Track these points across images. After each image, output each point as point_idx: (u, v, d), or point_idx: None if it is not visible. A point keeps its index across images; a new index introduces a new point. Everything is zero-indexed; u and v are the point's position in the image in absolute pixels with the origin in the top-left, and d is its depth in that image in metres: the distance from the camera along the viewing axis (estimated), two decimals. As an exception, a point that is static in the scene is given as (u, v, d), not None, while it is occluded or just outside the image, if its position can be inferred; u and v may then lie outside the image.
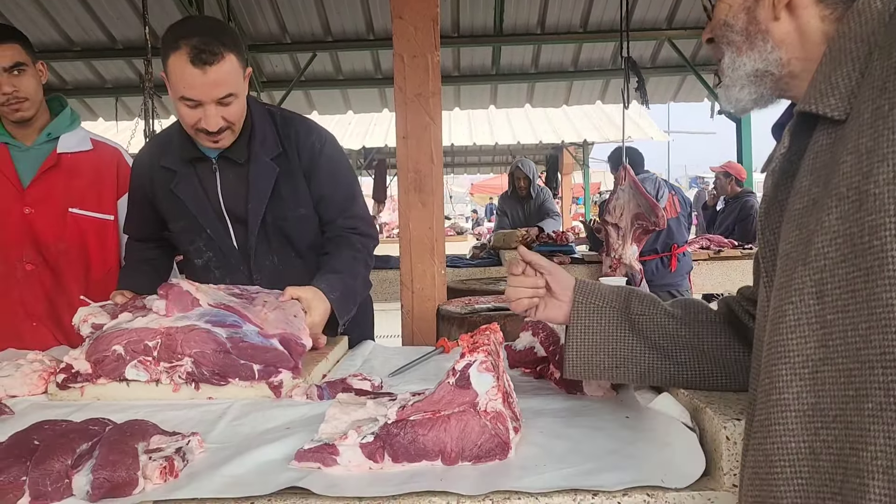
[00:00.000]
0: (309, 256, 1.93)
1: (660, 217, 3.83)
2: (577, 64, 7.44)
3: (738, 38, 0.90)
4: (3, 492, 0.94)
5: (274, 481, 0.97)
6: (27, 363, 1.51)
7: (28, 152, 2.05)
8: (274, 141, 1.83)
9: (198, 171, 1.83)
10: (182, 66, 1.59)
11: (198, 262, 1.89)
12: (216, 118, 1.66)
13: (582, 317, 1.15)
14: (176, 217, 1.86)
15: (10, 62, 1.94)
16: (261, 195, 1.81)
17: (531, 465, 1.03)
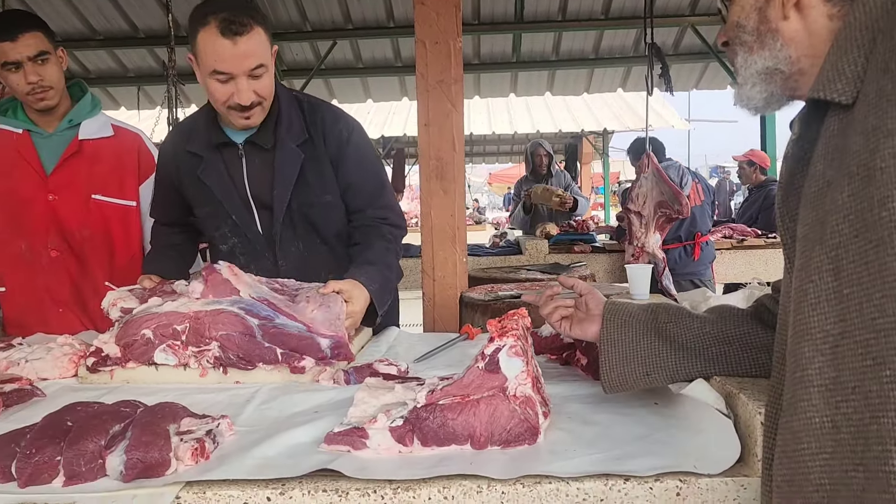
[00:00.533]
0: (334, 244, 1.93)
1: (683, 205, 3.79)
2: (598, 51, 7.37)
3: (750, 38, 0.93)
4: (38, 471, 0.96)
5: (304, 463, 0.98)
6: (57, 347, 1.53)
7: (50, 139, 2.06)
8: (300, 127, 1.83)
9: (224, 157, 1.84)
10: (213, 40, 1.60)
11: (223, 247, 1.90)
12: (248, 92, 1.67)
13: (611, 332, 1.17)
14: (202, 203, 1.87)
15: (34, 51, 1.94)
16: (286, 181, 1.81)
17: (561, 449, 1.02)
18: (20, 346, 1.61)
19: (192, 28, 1.65)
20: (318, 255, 1.90)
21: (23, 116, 2.06)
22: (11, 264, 2.04)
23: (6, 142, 2.03)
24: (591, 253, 4.93)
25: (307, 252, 1.89)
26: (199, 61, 1.67)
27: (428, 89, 3.33)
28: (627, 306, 1.21)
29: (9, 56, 1.92)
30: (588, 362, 1.42)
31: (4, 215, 2.02)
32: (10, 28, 1.92)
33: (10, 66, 1.93)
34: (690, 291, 2.11)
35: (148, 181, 2.13)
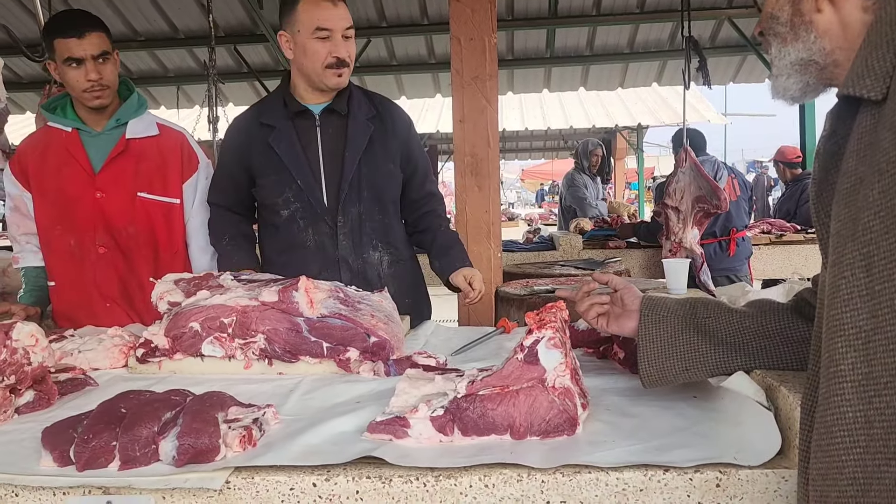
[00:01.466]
0: (388, 210, 2.13)
1: (722, 200, 3.76)
2: (633, 45, 7.30)
3: (784, 30, 0.93)
4: (95, 456, 1.00)
5: (348, 451, 1.00)
6: (108, 338, 1.59)
7: (98, 138, 2.11)
8: (368, 106, 2.10)
9: (296, 126, 2.05)
10: (315, 4, 1.92)
11: (284, 212, 2.06)
12: (345, 47, 1.95)
13: (649, 327, 1.17)
14: (268, 171, 2.06)
15: (97, 50, 2.01)
16: (357, 147, 2.04)
17: (599, 440, 1.04)
18: (72, 337, 1.67)
19: (289, 4, 1.96)
20: (373, 220, 2.09)
21: (72, 115, 2.11)
22: (61, 260, 2.10)
23: (56, 140, 2.09)
24: (626, 248, 4.90)
25: (364, 216, 2.07)
26: (300, 26, 1.94)
27: (463, 86, 3.35)
28: (665, 301, 1.22)
29: (73, 52, 1.98)
30: (625, 356, 1.42)
31: (54, 212, 2.08)
32: (78, 26, 2.00)
33: (72, 62, 1.99)
34: (729, 286, 2.10)
35: (191, 179, 2.19)
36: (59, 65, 2.02)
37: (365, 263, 2.08)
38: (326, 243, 2.05)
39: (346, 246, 2.06)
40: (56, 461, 1.01)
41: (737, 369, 1.12)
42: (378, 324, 1.50)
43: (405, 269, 2.19)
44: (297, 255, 2.06)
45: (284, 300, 1.46)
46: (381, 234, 2.10)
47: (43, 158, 2.09)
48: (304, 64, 1.98)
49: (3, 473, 0.99)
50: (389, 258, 2.13)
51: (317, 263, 2.04)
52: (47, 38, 2.04)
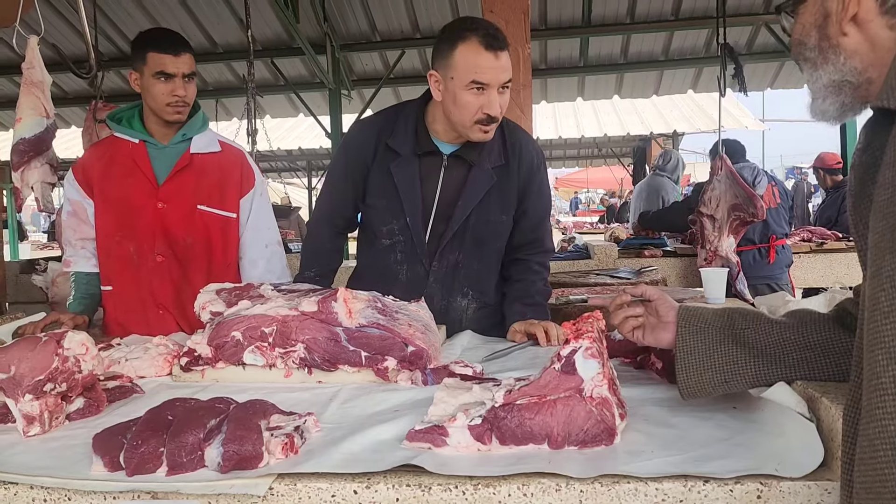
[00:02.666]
0: (488, 255, 2.05)
1: (759, 208, 3.71)
2: (668, 53, 7.26)
3: (813, 55, 0.95)
4: (144, 461, 1.03)
5: (388, 459, 1.02)
6: (153, 347, 1.63)
7: (164, 151, 2.19)
8: (499, 152, 1.98)
9: (421, 162, 1.97)
10: (476, 52, 1.75)
11: (385, 241, 2.02)
12: (498, 103, 1.81)
13: (686, 339, 1.16)
14: (381, 194, 1.99)
15: (188, 69, 2.13)
16: (473, 197, 1.95)
17: (638, 450, 1.03)
18: (119, 346, 1.72)
19: (447, 42, 1.80)
20: (469, 268, 2.04)
21: (139, 127, 2.20)
22: (119, 266, 2.18)
23: (122, 150, 2.18)
24: (662, 257, 4.86)
25: (461, 264, 2.02)
26: (454, 73, 1.78)
27: (497, 96, 3.37)
28: (702, 311, 1.21)
29: (167, 68, 2.08)
30: (663, 366, 1.42)
31: (116, 220, 2.16)
32: (175, 45, 2.11)
33: (162, 77, 2.09)
34: (769, 295, 2.07)
35: (247, 195, 2.27)
36: (147, 76, 2.10)
37: (449, 307, 2.06)
38: (417, 282, 2.02)
39: (435, 289, 2.02)
40: (106, 466, 1.04)
41: (777, 381, 1.11)
42: (415, 333, 1.52)
43: (490, 314, 2.11)
44: (388, 283, 1.98)
45: (324, 310, 1.49)
46: (474, 282, 2.05)
47: (108, 167, 2.17)
48: (453, 112, 1.85)
49: (56, 478, 1.03)
50: (476, 304, 2.09)
51: (403, 295, 1.91)
52: (140, 50, 2.12)
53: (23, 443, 1.19)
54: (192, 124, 2.22)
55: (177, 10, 6.17)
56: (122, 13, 6.15)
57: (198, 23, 6.39)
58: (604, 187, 23.46)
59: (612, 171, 19.45)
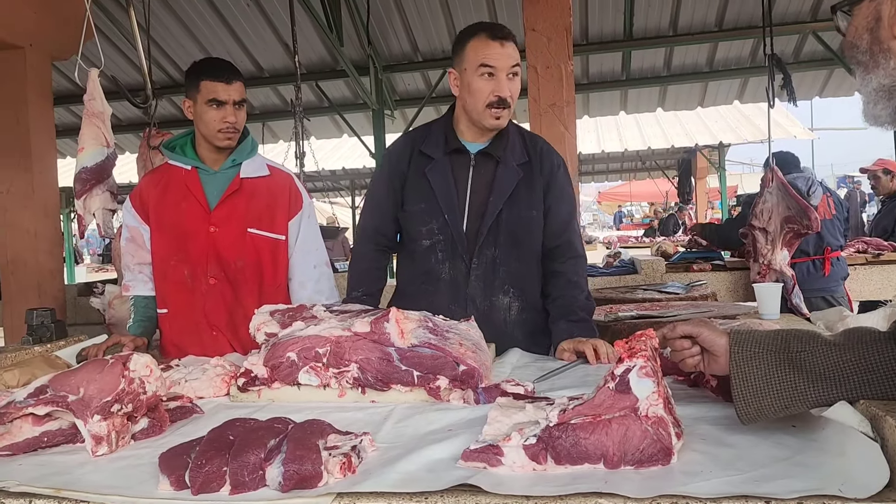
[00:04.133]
0: (526, 255, 2.13)
1: (813, 220, 3.63)
2: (712, 64, 7.19)
3: (865, 58, 0.95)
4: (208, 481, 1.06)
5: (444, 478, 1.02)
6: (211, 368, 1.67)
7: (215, 176, 2.27)
8: (522, 151, 2.13)
9: (452, 162, 2.11)
10: (484, 42, 1.97)
11: (425, 242, 2.11)
12: (507, 87, 1.98)
13: (741, 365, 1.14)
14: (419, 199, 2.11)
15: (239, 97, 2.22)
16: (503, 192, 2.07)
17: (696, 470, 1.02)
18: (178, 367, 1.77)
19: (460, 42, 2.04)
20: (508, 266, 2.10)
21: (191, 154, 2.28)
22: (175, 289, 2.25)
23: (176, 177, 2.26)
24: (711, 271, 4.78)
25: (499, 259, 2.10)
26: (466, 64, 1.99)
27: (540, 113, 3.39)
28: (755, 335, 1.18)
29: (219, 95, 2.17)
30: (718, 384, 1.40)
31: (171, 244, 2.23)
32: (228, 73, 2.21)
33: (215, 104, 2.18)
34: (826, 311, 2.01)
35: (296, 218, 2.33)
36: (200, 103, 2.19)
37: (492, 307, 2.10)
38: (459, 280, 2.09)
39: (476, 287, 2.08)
40: (173, 485, 1.07)
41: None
42: (466, 352, 1.53)
43: (535, 318, 2.15)
44: (431, 285, 2.10)
45: (376, 331, 1.51)
46: (515, 280, 2.10)
47: (163, 194, 2.25)
48: (468, 101, 2.02)
49: (125, 497, 1.06)
50: (520, 304, 2.13)
51: (447, 297, 2.09)
52: (194, 78, 2.22)
53: (91, 462, 1.23)
54: (242, 150, 2.29)
55: (225, 37, 6.36)
56: (173, 42, 6.36)
57: (245, 49, 6.57)
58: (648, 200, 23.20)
59: (656, 184, 19.23)
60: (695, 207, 15.32)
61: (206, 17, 6.11)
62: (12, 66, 3.86)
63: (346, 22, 6.07)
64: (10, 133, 3.87)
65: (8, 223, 3.90)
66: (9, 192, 3.90)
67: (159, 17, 5.88)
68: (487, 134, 2.08)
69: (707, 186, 16.00)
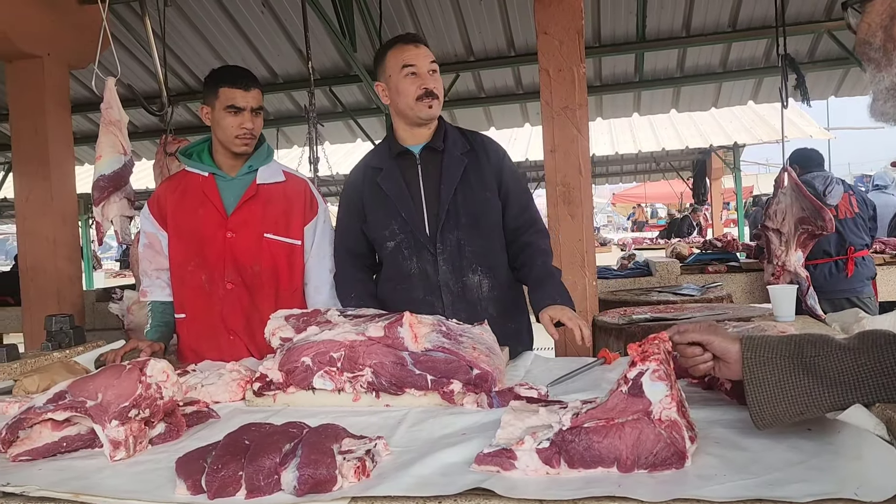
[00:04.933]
0: (487, 233, 2.23)
1: (827, 221, 3.60)
2: (725, 64, 7.14)
3: (877, 55, 0.94)
4: (224, 485, 1.07)
5: (458, 482, 1.03)
6: (227, 373, 1.69)
7: (231, 182, 2.29)
8: (463, 143, 2.25)
9: (400, 165, 2.23)
10: (400, 49, 2.15)
11: (389, 244, 2.22)
12: (432, 80, 2.14)
13: (754, 371, 1.14)
14: (377, 206, 2.24)
15: (257, 104, 2.26)
16: (452, 178, 2.19)
17: (710, 474, 1.02)
18: (194, 372, 1.79)
19: (380, 57, 2.21)
20: (472, 245, 2.20)
21: (208, 161, 2.31)
22: (192, 294, 2.27)
23: (193, 183, 2.29)
24: (727, 273, 4.75)
25: (464, 241, 2.19)
26: (390, 71, 2.16)
27: (553, 116, 3.39)
28: (768, 340, 1.17)
29: (237, 102, 2.21)
30: (732, 387, 1.39)
31: (189, 250, 2.26)
32: (246, 80, 2.24)
33: (232, 110, 2.21)
34: (841, 312, 2.00)
35: (311, 223, 2.35)
36: (218, 110, 2.22)
37: (464, 287, 2.19)
38: (429, 270, 2.19)
39: (445, 271, 2.18)
40: (190, 489, 1.09)
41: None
42: (480, 356, 1.53)
43: (506, 294, 2.25)
44: (403, 283, 2.20)
45: (390, 335, 1.52)
46: (481, 258, 2.20)
47: (180, 200, 2.28)
48: (399, 101, 2.17)
49: (143, 501, 1.08)
50: (490, 282, 2.22)
51: (420, 290, 2.18)
52: (213, 85, 2.25)
53: (110, 467, 1.25)
54: (258, 156, 2.31)
55: (239, 44, 6.39)
56: (188, 49, 6.41)
57: (259, 55, 6.60)
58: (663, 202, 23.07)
59: (671, 186, 19.12)
60: (710, 208, 15.22)
61: (221, 24, 6.14)
62: (31, 76, 3.92)
63: (358, 28, 6.09)
64: (29, 142, 3.93)
65: (27, 231, 3.95)
66: (28, 200, 3.96)
67: (174, 25, 5.92)
68: (426, 132, 2.22)
69: (722, 187, 15.89)
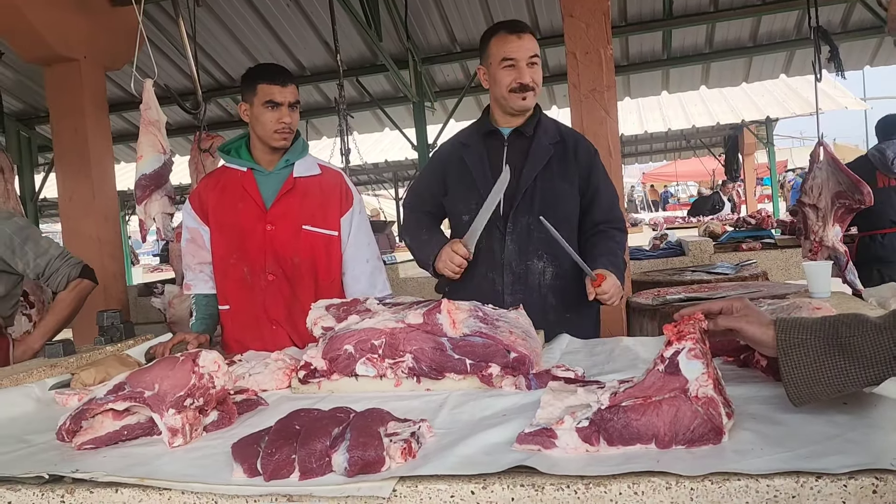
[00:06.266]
0: (560, 226, 2.19)
1: (865, 194, 3.55)
2: (756, 38, 7.03)
3: None
4: (279, 468, 1.13)
5: (501, 461, 1.07)
6: (273, 362, 1.75)
7: (269, 177, 2.36)
8: (555, 132, 2.35)
9: (487, 144, 2.35)
10: (503, 38, 2.23)
11: (465, 217, 2.31)
12: (529, 74, 2.22)
13: (789, 354, 1.15)
14: (458, 181, 2.36)
15: (294, 98, 2.32)
16: (536, 164, 2.28)
17: (746, 449, 1.05)
18: (240, 362, 1.85)
19: (484, 41, 2.30)
20: (541, 232, 2.22)
21: (246, 156, 2.37)
22: (235, 286, 2.35)
23: (232, 179, 2.36)
24: (762, 250, 4.71)
25: (533, 227, 2.27)
26: (491, 59, 2.25)
27: (581, 99, 3.39)
28: (801, 322, 1.18)
29: (275, 97, 2.27)
30: (767, 363, 1.41)
31: (231, 243, 2.33)
32: (283, 77, 2.31)
33: (270, 105, 2.28)
34: (878, 287, 1.99)
35: (347, 214, 2.40)
36: (257, 106, 2.28)
37: (528, 270, 2.27)
38: (495, 248, 2.27)
39: (511, 251, 2.26)
40: (246, 473, 1.14)
41: None
42: (517, 340, 1.57)
43: (569, 285, 2.30)
44: (473, 257, 2.23)
45: (429, 322, 1.57)
46: (547, 246, 2.26)
47: (221, 195, 2.35)
48: (494, 90, 2.28)
49: (204, 484, 1.14)
50: (553, 270, 2.28)
51: (484, 266, 2.26)
52: (251, 83, 2.32)
53: (169, 453, 1.31)
54: (294, 150, 2.37)
55: (268, 39, 6.48)
56: (218, 47, 6.51)
57: (287, 49, 6.68)
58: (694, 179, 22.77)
59: (702, 163, 18.88)
60: (744, 184, 14.99)
61: (248, 19, 6.23)
62: (69, 78, 4.03)
63: (384, 17, 6.13)
64: (69, 143, 4.06)
65: (72, 230, 4.08)
66: (71, 199, 4.09)
67: (204, 24, 6.01)
68: (519, 118, 2.30)
69: (756, 162, 15.64)
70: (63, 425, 1.42)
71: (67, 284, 2.74)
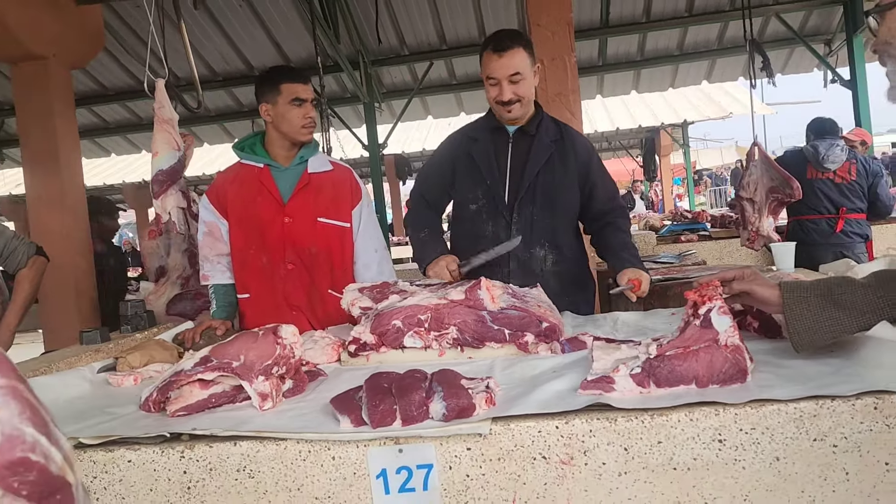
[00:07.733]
0: (560, 217, 2.52)
1: (795, 189, 3.98)
2: (682, 47, 7.54)
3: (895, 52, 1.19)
4: (384, 417, 1.31)
5: (576, 401, 1.29)
6: (320, 339, 1.92)
7: (285, 172, 2.51)
8: (555, 131, 2.54)
9: (494, 139, 2.52)
10: (488, 56, 2.36)
11: (472, 206, 2.52)
12: (510, 90, 2.36)
13: (793, 309, 1.40)
14: (466, 173, 2.53)
15: (312, 95, 2.49)
16: (538, 160, 2.47)
17: (768, 384, 1.30)
18: (282, 341, 2.00)
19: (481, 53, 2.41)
20: (543, 222, 2.47)
21: (261, 152, 2.51)
22: (256, 276, 2.48)
23: (249, 174, 2.49)
24: (699, 241, 5.13)
25: (536, 217, 2.47)
26: (482, 74, 2.41)
27: (548, 101, 3.66)
28: (801, 284, 1.45)
29: (300, 94, 2.44)
30: (759, 324, 1.69)
31: (250, 236, 2.46)
32: (303, 75, 2.49)
33: (297, 102, 2.44)
34: (834, 263, 2.33)
35: (357, 207, 2.58)
36: (282, 104, 2.43)
37: (531, 257, 2.48)
38: (502, 236, 2.46)
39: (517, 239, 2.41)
40: (353, 423, 1.32)
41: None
42: (546, 311, 1.80)
43: (568, 269, 2.54)
44: (477, 243, 2.45)
45: (471, 297, 1.78)
46: (549, 236, 2.48)
47: (238, 190, 2.48)
48: (489, 100, 2.46)
49: (315, 433, 1.31)
50: (553, 257, 2.50)
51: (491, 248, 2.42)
52: (273, 83, 2.46)
53: (260, 416, 1.46)
54: (309, 147, 2.53)
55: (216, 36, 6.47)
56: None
57: (235, 48, 6.69)
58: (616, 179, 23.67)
59: (622, 163, 19.70)
60: (661, 183, 15.79)
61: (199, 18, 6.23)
62: (37, 77, 4.00)
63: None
64: (37, 140, 4.02)
65: (41, 227, 4.05)
66: (39, 197, 4.05)
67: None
68: (521, 119, 2.48)
69: (671, 163, 16.49)
70: (150, 397, 1.56)
71: (27, 262, 2.88)
